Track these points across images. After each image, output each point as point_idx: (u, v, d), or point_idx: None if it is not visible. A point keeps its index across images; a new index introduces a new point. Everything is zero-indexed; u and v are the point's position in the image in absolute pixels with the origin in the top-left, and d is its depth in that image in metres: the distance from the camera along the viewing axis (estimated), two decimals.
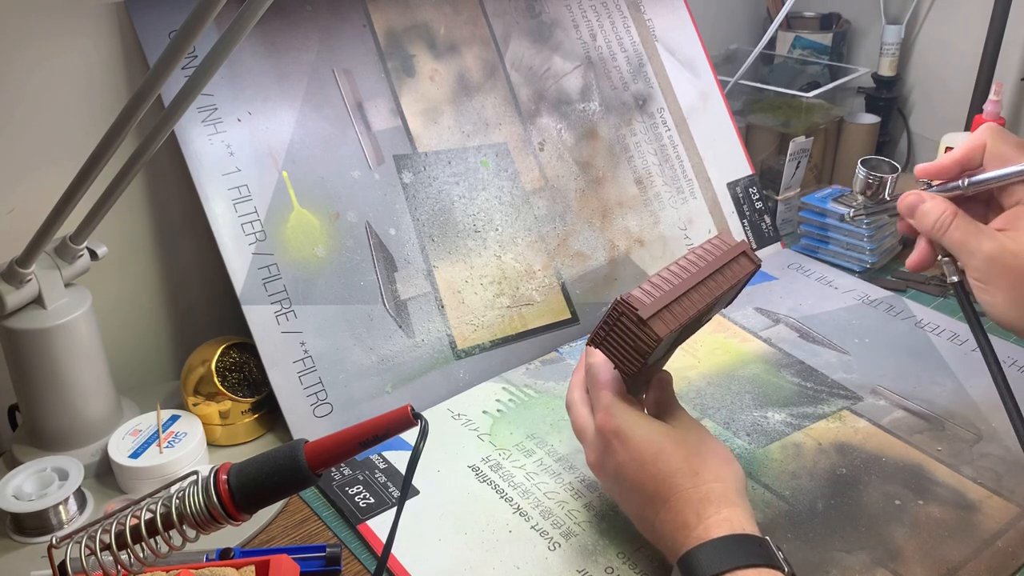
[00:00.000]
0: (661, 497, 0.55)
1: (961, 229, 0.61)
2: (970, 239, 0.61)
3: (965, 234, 0.61)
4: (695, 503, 0.54)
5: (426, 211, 0.83)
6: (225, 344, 0.75)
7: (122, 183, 0.59)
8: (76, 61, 0.73)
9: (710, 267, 0.61)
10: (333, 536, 0.66)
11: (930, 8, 1.18)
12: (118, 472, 0.68)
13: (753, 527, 0.53)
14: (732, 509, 0.53)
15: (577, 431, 0.62)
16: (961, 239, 0.61)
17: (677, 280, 0.59)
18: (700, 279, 0.60)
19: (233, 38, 0.48)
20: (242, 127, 0.77)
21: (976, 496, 0.67)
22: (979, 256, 0.60)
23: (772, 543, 0.52)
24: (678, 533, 0.53)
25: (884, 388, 0.80)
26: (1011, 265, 0.58)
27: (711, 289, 0.60)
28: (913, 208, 0.64)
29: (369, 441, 0.46)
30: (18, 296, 0.66)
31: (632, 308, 0.57)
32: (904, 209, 0.65)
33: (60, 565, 0.46)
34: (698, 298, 0.59)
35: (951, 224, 0.61)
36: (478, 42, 0.90)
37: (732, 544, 0.51)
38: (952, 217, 0.62)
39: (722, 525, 0.52)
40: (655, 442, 0.57)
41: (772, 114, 1.14)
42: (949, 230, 0.62)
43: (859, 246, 0.99)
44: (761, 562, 0.50)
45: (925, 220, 0.63)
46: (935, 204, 0.63)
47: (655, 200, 0.97)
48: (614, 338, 0.59)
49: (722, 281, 0.61)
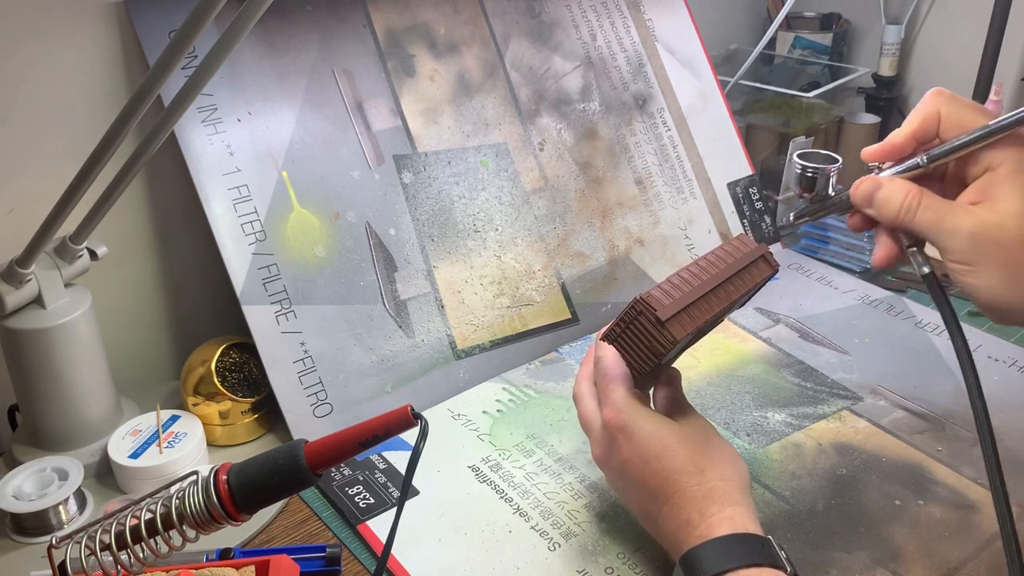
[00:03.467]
0: (665, 494, 0.55)
1: (933, 208, 0.53)
2: (945, 218, 0.52)
3: (938, 213, 0.52)
4: (698, 501, 0.53)
5: (426, 211, 0.83)
6: (225, 344, 0.75)
7: (122, 183, 0.59)
8: (76, 61, 0.73)
9: (729, 269, 0.59)
10: (333, 536, 0.66)
11: (930, 8, 1.18)
12: (118, 472, 0.68)
13: (756, 526, 0.53)
14: (735, 508, 0.53)
15: (584, 424, 0.62)
16: (934, 219, 0.52)
17: (697, 282, 0.58)
18: (719, 282, 0.58)
19: (233, 38, 0.48)
20: (242, 127, 0.77)
21: (976, 496, 0.67)
22: (959, 235, 0.52)
23: (775, 543, 0.52)
24: (680, 531, 0.53)
25: (884, 388, 0.80)
26: (998, 239, 0.51)
27: (729, 293, 0.59)
28: (870, 196, 0.55)
29: (369, 441, 0.46)
30: (18, 296, 0.66)
31: (651, 308, 0.56)
32: (859, 198, 0.56)
33: (60, 565, 0.46)
34: (716, 301, 0.58)
35: (919, 205, 0.53)
36: (478, 42, 0.90)
37: (734, 543, 0.51)
38: (918, 198, 0.53)
39: (724, 524, 0.52)
40: (660, 439, 0.56)
41: (772, 114, 1.14)
42: (919, 212, 0.53)
43: (859, 246, 0.99)
44: (763, 562, 0.50)
45: (888, 207, 0.54)
46: (896, 187, 0.54)
47: (655, 200, 0.97)
48: (630, 336, 0.59)
49: (740, 285, 0.59)
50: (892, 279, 0.98)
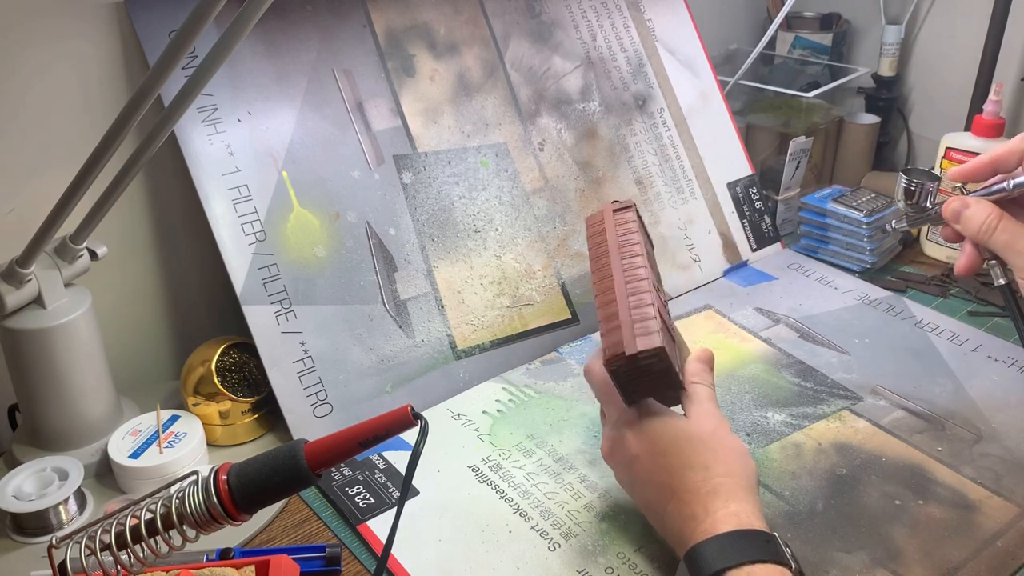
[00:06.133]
0: (671, 489, 0.55)
1: (1008, 231, 0.63)
2: (1017, 240, 0.62)
3: (1012, 235, 0.62)
4: (703, 496, 0.54)
5: (426, 211, 0.83)
6: (225, 344, 0.75)
7: (122, 183, 0.59)
8: (76, 61, 0.73)
9: (614, 244, 0.61)
10: (333, 536, 0.66)
11: (930, 8, 1.18)
12: (118, 472, 0.68)
13: (762, 523, 0.53)
14: (740, 504, 0.53)
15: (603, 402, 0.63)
16: (1008, 240, 0.62)
17: (610, 292, 0.59)
18: (622, 265, 0.60)
19: (233, 38, 0.48)
20: (242, 127, 0.77)
21: (976, 496, 0.67)
22: None
23: (780, 539, 0.52)
24: (686, 526, 0.54)
25: (884, 388, 0.80)
26: None
27: (637, 261, 0.60)
28: (958, 213, 0.65)
29: (369, 441, 0.46)
30: (18, 296, 0.66)
31: (619, 356, 0.55)
32: (949, 214, 0.66)
33: (60, 565, 0.46)
34: (643, 274, 0.59)
35: (997, 226, 0.63)
36: (478, 42, 0.90)
37: (739, 539, 0.51)
38: (998, 219, 0.63)
39: (730, 520, 0.52)
40: (668, 434, 0.57)
41: (772, 114, 1.14)
42: (996, 232, 0.63)
43: (859, 246, 0.99)
44: (768, 558, 0.50)
45: (971, 224, 0.64)
46: (980, 208, 0.64)
47: (655, 200, 0.97)
48: (640, 387, 0.58)
49: (632, 240, 0.62)
50: (892, 279, 0.98)
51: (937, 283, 0.97)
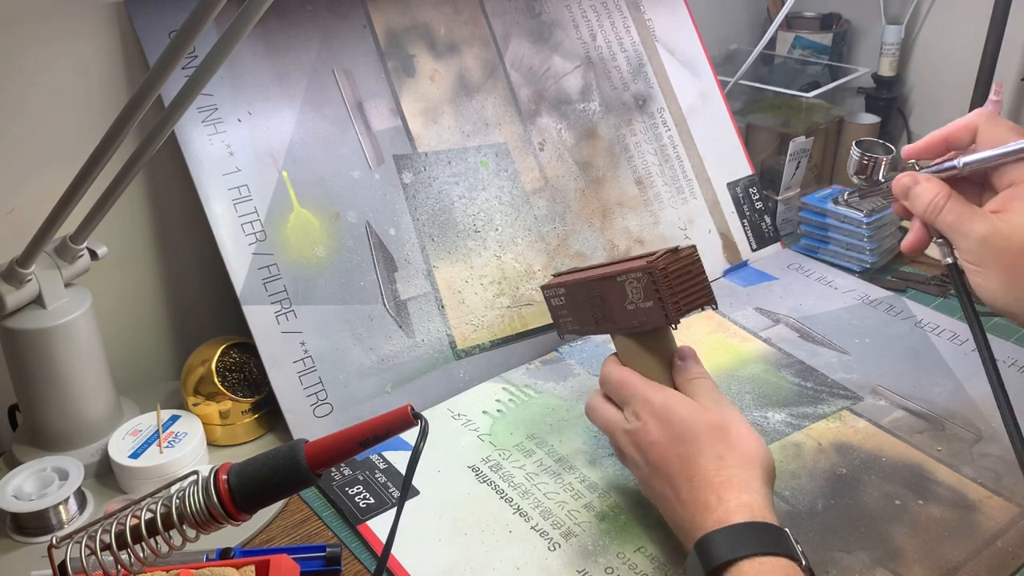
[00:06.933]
0: (685, 476, 0.55)
1: (954, 211, 0.60)
2: (963, 221, 0.60)
3: (958, 216, 0.60)
4: (716, 486, 0.54)
5: (426, 211, 0.83)
6: (225, 344, 0.75)
7: (122, 183, 0.59)
8: (76, 61, 0.73)
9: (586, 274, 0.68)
10: (333, 536, 0.66)
11: (930, 8, 1.18)
12: (118, 472, 0.68)
13: (772, 516, 0.53)
14: (753, 496, 0.53)
15: (602, 419, 0.64)
16: (954, 221, 0.60)
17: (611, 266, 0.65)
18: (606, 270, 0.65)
19: (233, 38, 0.48)
20: (242, 127, 0.77)
21: (976, 496, 0.67)
22: (971, 238, 0.59)
23: (791, 535, 0.52)
24: (698, 514, 0.54)
25: (884, 388, 0.80)
26: (1003, 248, 0.58)
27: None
28: (907, 190, 0.63)
29: (369, 441, 0.46)
30: (18, 296, 0.66)
31: (662, 252, 0.60)
32: (898, 190, 0.64)
33: (60, 565, 0.46)
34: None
35: (944, 206, 0.61)
36: (478, 42, 0.90)
37: (751, 531, 0.51)
38: (945, 199, 0.61)
39: (742, 511, 0.52)
40: (688, 420, 0.57)
41: (772, 114, 1.14)
42: (942, 212, 0.61)
43: (859, 246, 0.99)
44: (779, 551, 0.50)
45: (918, 202, 0.62)
46: (929, 186, 0.62)
47: (655, 200, 0.97)
48: (682, 292, 0.61)
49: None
50: (892, 279, 0.98)
51: (937, 283, 0.97)
